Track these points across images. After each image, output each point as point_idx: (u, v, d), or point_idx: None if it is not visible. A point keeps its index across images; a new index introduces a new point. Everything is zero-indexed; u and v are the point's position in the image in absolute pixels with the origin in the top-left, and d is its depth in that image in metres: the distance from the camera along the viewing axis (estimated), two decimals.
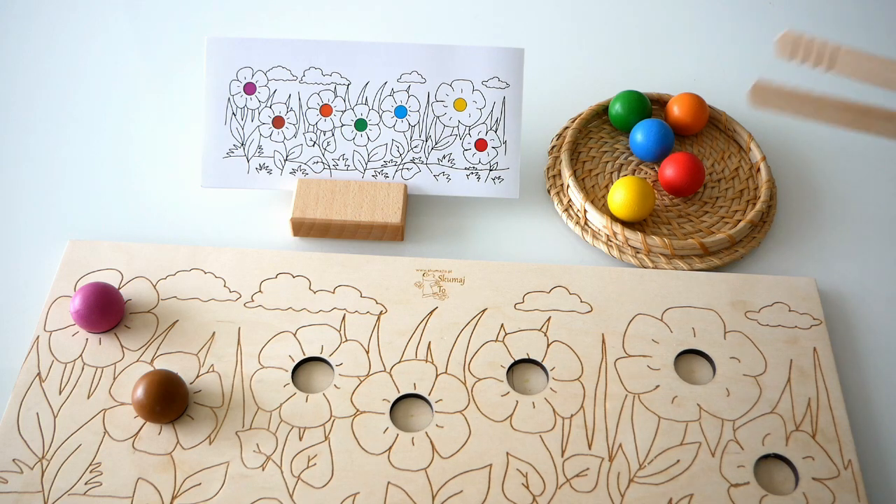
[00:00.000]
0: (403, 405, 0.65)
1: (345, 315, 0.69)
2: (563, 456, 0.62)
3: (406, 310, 0.69)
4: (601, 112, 0.85)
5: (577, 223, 0.77)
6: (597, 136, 0.84)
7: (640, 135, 0.79)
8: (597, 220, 0.76)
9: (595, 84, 0.89)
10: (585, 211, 0.76)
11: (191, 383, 0.65)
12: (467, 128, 0.76)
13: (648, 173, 0.81)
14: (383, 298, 0.70)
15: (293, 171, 0.76)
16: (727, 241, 0.75)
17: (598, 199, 0.79)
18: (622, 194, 0.75)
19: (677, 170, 0.77)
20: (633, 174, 0.80)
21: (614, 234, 0.74)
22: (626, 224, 0.76)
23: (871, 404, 0.67)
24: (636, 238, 0.74)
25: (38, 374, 0.65)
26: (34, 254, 0.74)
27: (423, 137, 0.76)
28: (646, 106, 0.82)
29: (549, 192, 0.80)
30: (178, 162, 0.81)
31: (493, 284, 0.71)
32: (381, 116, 0.76)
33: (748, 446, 0.63)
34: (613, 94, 0.85)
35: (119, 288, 0.70)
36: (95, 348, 0.66)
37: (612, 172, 0.81)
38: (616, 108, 0.82)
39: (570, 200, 0.78)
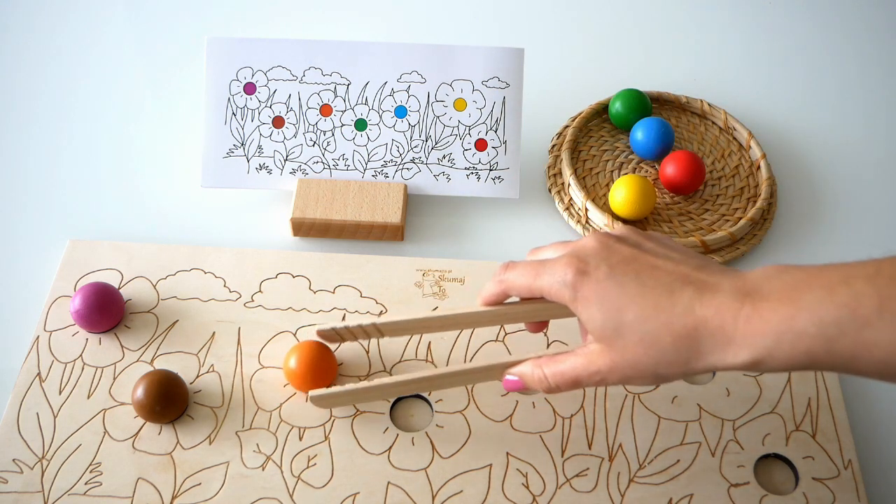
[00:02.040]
0: (403, 405, 0.65)
1: (345, 315, 0.69)
2: (563, 456, 0.62)
3: (406, 310, 0.69)
4: (601, 111, 0.85)
5: (578, 222, 0.77)
6: (597, 135, 0.84)
7: (641, 133, 0.79)
8: (598, 218, 0.76)
9: (595, 83, 0.89)
10: (587, 209, 0.76)
11: (191, 383, 0.65)
12: (467, 128, 0.76)
13: (649, 171, 0.81)
14: (383, 298, 0.70)
15: (293, 171, 0.76)
16: (728, 238, 0.74)
17: (599, 198, 0.79)
18: (623, 193, 0.74)
19: (678, 168, 0.77)
20: (634, 172, 0.80)
21: None
22: (627, 222, 0.76)
23: (871, 404, 0.67)
24: None
25: (38, 374, 0.65)
26: (34, 254, 0.74)
27: (423, 137, 0.76)
28: (646, 104, 0.82)
29: (549, 190, 0.80)
30: (178, 162, 0.81)
31: None
32: (381, 116, 0.76)
33: (748, 446, 0.63)
34: (614, 93, 0.85)
35: (119, 288, 0.70)
36: (95, 348, 0.66)
37: (612, 171, 0.81)
38: (616, 107, 0.82)
39: (571, 199, 0.78)
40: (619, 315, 0.49)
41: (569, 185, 0.78)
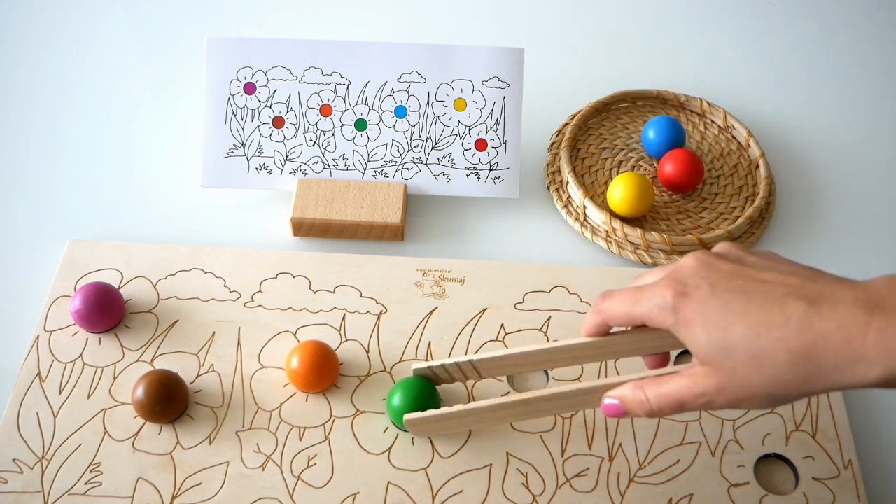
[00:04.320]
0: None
1: (345, 315, 0.69)
2: (563, 456, 0.62)
3: (406, 310, 0.69)
4: (601, 108, 0.85)
5: (576, 219, 0.77)
6: (596, 133, 0.84)
7: (652, 132, 0.80)
8: (596, 216, 0.76)
9: (594, 81, 0.89)
10: (585, 207, 0.76)
11: (191, 383, 0.65)
12: (467, 128, 0.76)
13: (647, 170, 0.81)
14: (383, 298, 0.70)
15: (293, 171, 0.76)
16: (726, 236, 0.75)
17: (597, 196, 0.79)
18: (621, 190, 0.75)
19: (676, 166, 0.77)
20: (633, 170, 0.80)
21: (613, 230, 0.74)
22: (625, 220, 0.76)
23: (871, 404, 0.67)
24: (635, 234, 0.74)
25: (38, 374, 0.65)
26: (34, 254, 0.74)
27: (423, 137, 0.76)
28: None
29: (548, 188, 0.80)
30: (178, 162, 0.81)
31: (493, 284, 0.71)
32: (381, 116, 0.76)
33: (748, 446, 0.63)
34: (612, 91, 0.85)
35: (119, 288, 0.70)
36: (95, 348, 0.66)
37: (611, 169, 0.81)
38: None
39: (569, 197, 0.78)
40: (725, 334, 0.46)
41: (567, 182, 0.78)
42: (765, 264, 0.49)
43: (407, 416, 0.59)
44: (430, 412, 0.59)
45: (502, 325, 0.69)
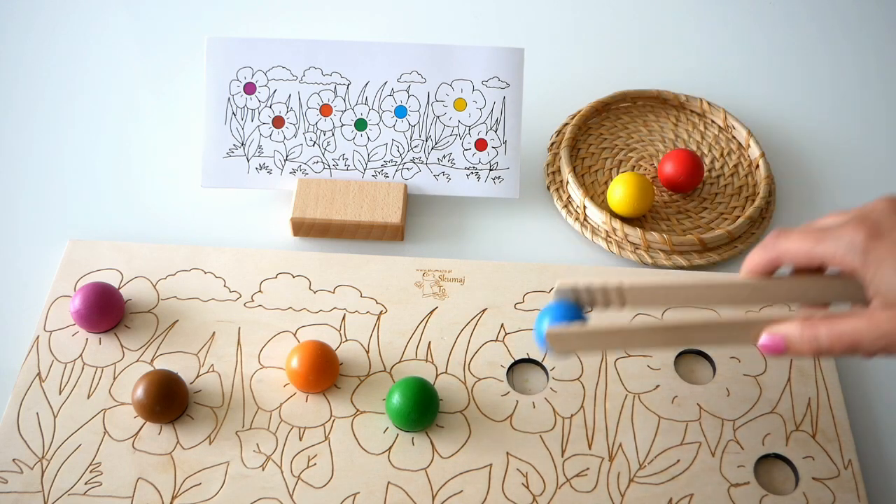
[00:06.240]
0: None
1: (345, 315, 0.69)
2: (563, 456, 0.62)
3: (406, 310, 0.69)
4: (601, 109, 0.85)
5: (576, 219, 0.77)
6: (596, 133, 0.84)
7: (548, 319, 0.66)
8: (596, 216, 0.76)
9: (594, 81, 0.89)
10: (585, 207, 0.76)
11: (191, 383, 0.65)
12: (467, 128, 0.76)
13: (647, 169, 0.81)
14: (383, 298, 0.70)
15: (293, 171, 0.76)
16: (726, 236, 0.75)
17: (597, 196, 0.79)
18: (621, 190, 0.75)
19: (676, 166, 0.77)
20: (633, 170, 0.80)
21: (613, 230, 0.74)
22: (625, 220, 0.76)
23: (871, 404, 0.67)
24: (635, 234, 0.74)
25: (38, 374, 0.65)
26: (34, 254, 0.74)
27: (423, 137, 0.76)
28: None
29: (548, 188, 0.80)
30: (178, 162, 0.81)
31: (493, 284, 0.71)
32: (381, 116, 0.76)
33: (748, 446, 0.63)
34: (612, 91, 0.85)
35: (119, 288, 0.70)
36: (95, 348, 0.66)
37: (611, 169, 0.81)
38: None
39: (569, 197, 0.78)
40: None
41: (567, 182, 0.78)
42: None
43: (551, 329, 0.54)
44: (577, 327, 0.54)
45: (502, 325, 0.69)
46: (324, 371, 0.63)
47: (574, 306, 0.56)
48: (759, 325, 0.51)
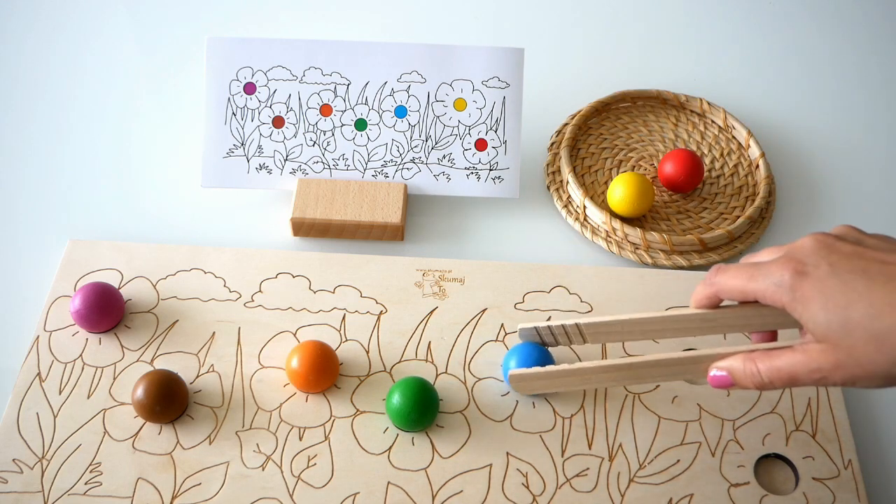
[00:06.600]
0: None
1: (345, 315, 0.69)
2: (563, 456, 0.62)
3: (406, 310, 0.69)
4: (601, 109, 0.85)
5: (576, 219, 0.77)
6: (596, 133, 0.84)
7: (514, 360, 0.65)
8: (596, 216, 0.76)
9: (594, 81, 0.89)
10: (585, 207, 0.76)
11: (191, 383, 0.65)
12: (467, 128, 0.76)
13: (647, 170, 0.81)
14: (383, 298, 0.70)
15: (293, 171, 0.76)
16: (726, 236, 0.75)
17: (597, 196, 0.79)
18: (621, 190, 0.75)
19: (676, 166, 0.77)
20: (633, 170, 0.80)
21: (613, 230, 0.74)
22: (625, 220, 0.76)
23: (871, 404, 0.67)
24: (635, 234, 0.74)
25: (38, 374, 0.65)
26: (34, 254, 0.74)
27: (423, 137, 0.76)
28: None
29: (548, 188, 0.80)
30: (178, 162, 0.81)
31: (493, 284, 0.71)
32: (381, 116, 0.76)
33: (748, 446, 0.63)
34: (613, 91, 0.85)
35: (119, 288, 0.70)
36: (95, 348, 0.66)
37: (611, 169, 0.81)
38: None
39: (569, 197, 0.78)
40: (846, 312, 0.47)
41: (567, 182, 0.78)
42: (886, 246, 0.49)
43: (512, 372, 0.60)
44: (536, 369, 0.60)
45: (502, 325, 0.69)
46: (324, 371, 0.63)
47: (539, 347, 0.63)
48: (707, 361, 0.55)
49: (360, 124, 0.76)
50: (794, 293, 0.49)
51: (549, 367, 0.59)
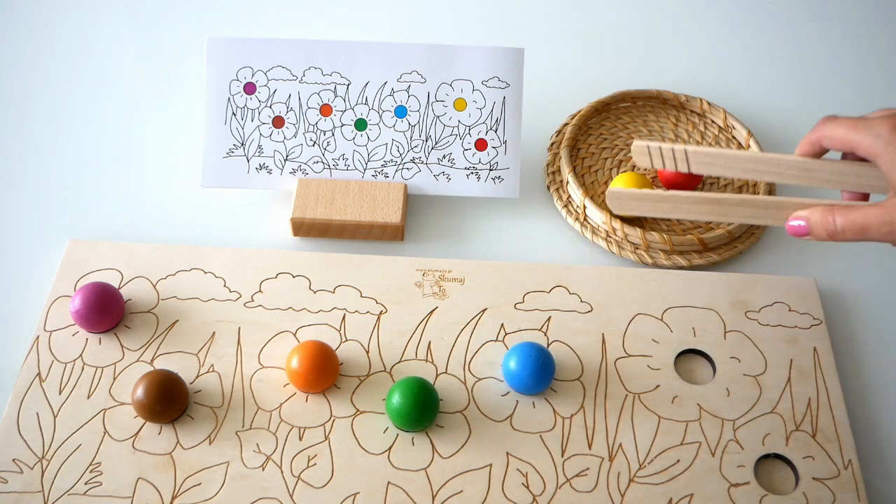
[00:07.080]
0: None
1: (345, 315, 0.69)
2: (563, 456, 0.62)
3: (406, 310, 0.69)
4: (601, 109, 0.85)
5: (576, 219, 0.77)
6: (596, 133, 0.84)
7: (514, 360, 0.65)
8: (596, 216, 0.76)
9: (594, 81, 0.89)
10: (585, 207, 0.76)
11: (191, 383, 0.65)
12: (467, 128, 0.76)
13: (647, 170, 0.81)
14: (383, 298, 0.70)
15: (293, 171, 0.76)
16: (726, 236, 0.75)
17: (597, 196, 0.79)
18: None
19: None
20: (633, 170, 0.80)
21: (613, 230, 0.74)
22: (625, 220, 0.76)
23: (871, 404, 0.67)
24: (635, 234, 0.74)
25: (38, 374, 0.65)
26: (34, 254, 0.74)
27: (423, 137, 0.76)
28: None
29: (548, 188, 0.80)
30: (178, 162, 0.81)
31: (493, 284, 0.71)
32: (381, 116, 0.76)
33: (748, 446, 0.63)
34: (613, 91, 0.85)
35: (119, 288, 0.70)
36: (95, 348, 0.66)
37: (611, 169, 0.81)
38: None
39: (569, 197, 0.78)
40: None
41: (567, 182, 0.78)
42: None
43: (611, 189, 0.65)
44: (632, 189, 0.65)
45: (502, 325, 0.69)
46: (324, 371, 0.63)
47: (540, 347, 0.64)
48: (791, 208, 0.60)
49: (360, 124, 0.76)
50: (888, 146, 0.52)
51: (645, 189, 0.64)
